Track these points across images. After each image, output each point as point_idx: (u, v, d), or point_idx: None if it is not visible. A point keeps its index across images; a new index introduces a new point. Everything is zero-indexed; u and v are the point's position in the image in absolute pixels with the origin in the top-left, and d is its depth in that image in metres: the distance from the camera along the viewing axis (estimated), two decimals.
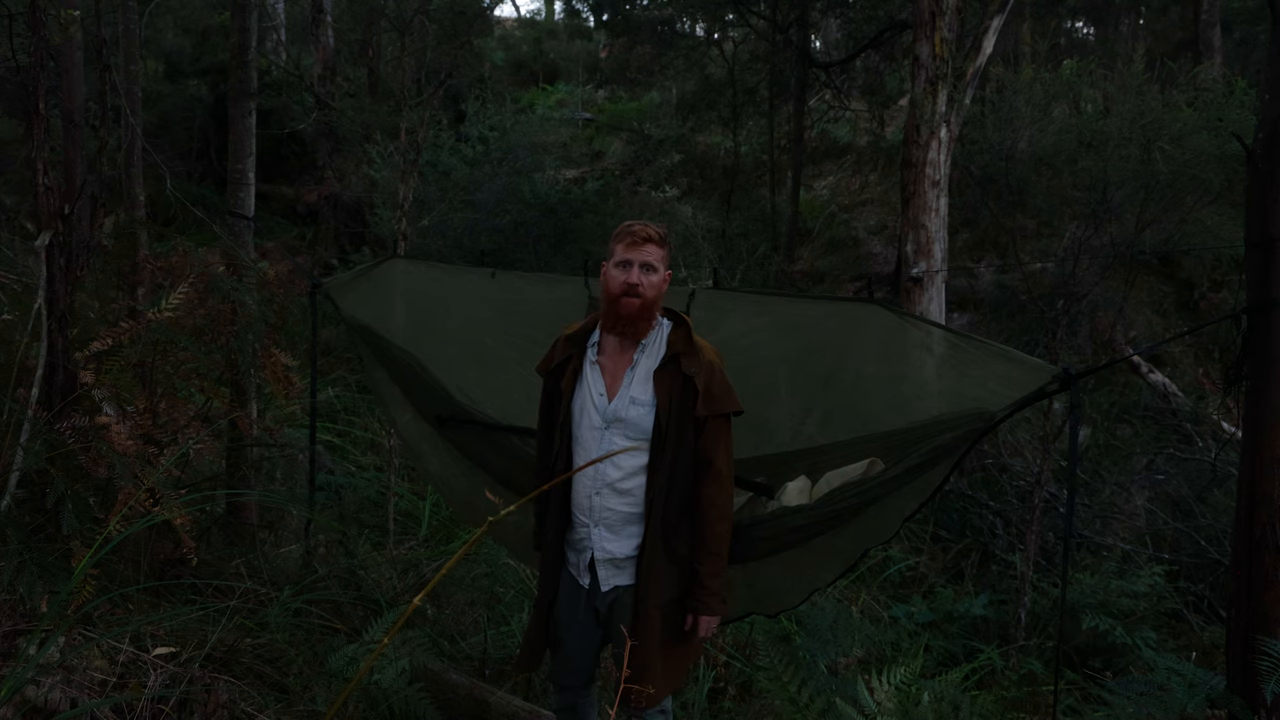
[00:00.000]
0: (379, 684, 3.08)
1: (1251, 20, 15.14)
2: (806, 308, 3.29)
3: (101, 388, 3.47)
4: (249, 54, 4.39)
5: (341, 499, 5.94)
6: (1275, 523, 3.32)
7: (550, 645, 2.88)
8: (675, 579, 2.71)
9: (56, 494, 2.95)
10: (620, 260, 2.68)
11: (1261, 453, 3.36)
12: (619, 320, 2.70)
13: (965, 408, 2.71)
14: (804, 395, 3.20)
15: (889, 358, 3.04)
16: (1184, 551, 6.57)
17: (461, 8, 7.02)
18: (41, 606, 2.75)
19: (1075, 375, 2.59)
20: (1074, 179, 7.92)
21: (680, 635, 2.74)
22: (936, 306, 7.87)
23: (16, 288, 4.00)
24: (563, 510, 2.81)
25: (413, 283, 4.13)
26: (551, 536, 2.82)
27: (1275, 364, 3.31)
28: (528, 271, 4.02)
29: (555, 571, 2.84)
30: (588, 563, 2.77)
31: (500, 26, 24.39)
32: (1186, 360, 10.34)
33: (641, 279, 2.64)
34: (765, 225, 13.62)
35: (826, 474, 2.93)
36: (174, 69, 14.44)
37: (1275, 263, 3.28)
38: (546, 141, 14.00)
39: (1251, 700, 3.28)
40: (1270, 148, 3.31)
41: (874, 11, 12.72)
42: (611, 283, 2.68)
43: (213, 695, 2.73)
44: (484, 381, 3.77)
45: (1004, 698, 4.84)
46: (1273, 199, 3.30)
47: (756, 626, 4.53)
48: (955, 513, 7.24)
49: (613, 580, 2.76)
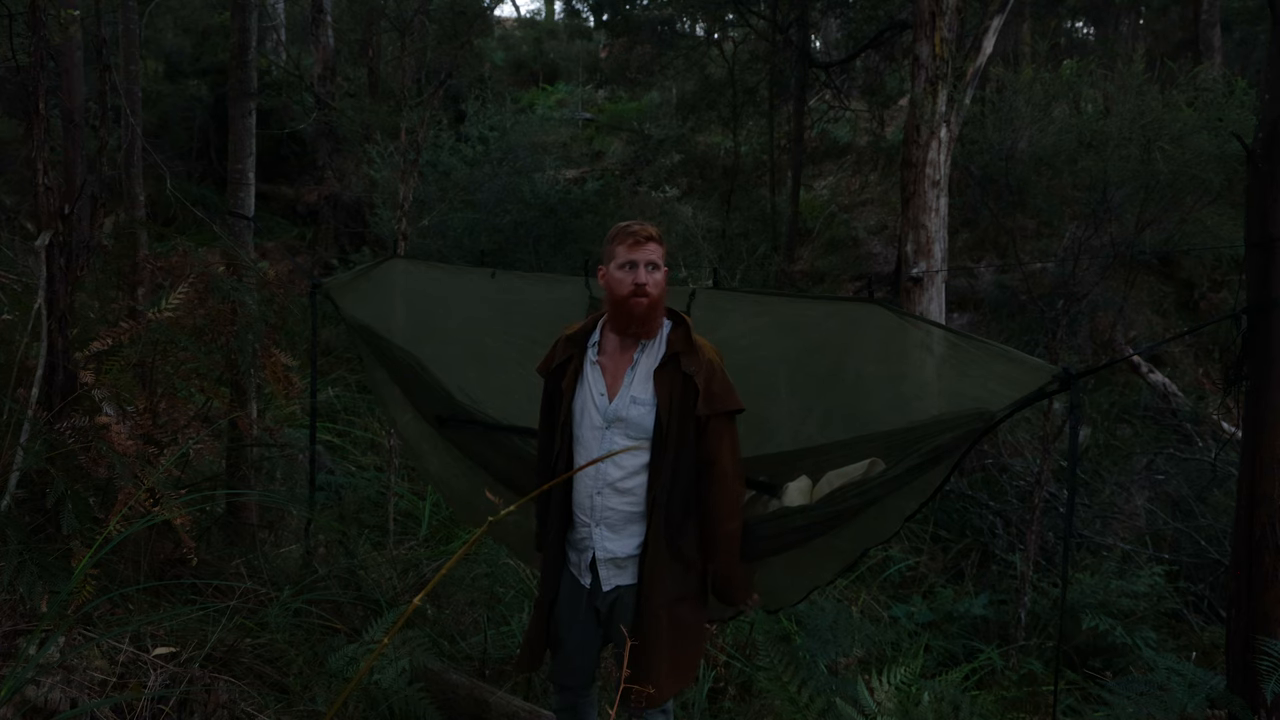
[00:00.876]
0: (379, 684, 3.08)
1: (1251, 20, 15.14)
2: (806, 308, 3.29)
3: (101, 388, 3.47)
4: (249, 54, 4.39)
5: (341, 499, 5.94)
6: (1275, 523, 3.32)
7: (550, 645, 2.88)
8: (680, 578, 2.72)
9: (56, 494, 2.95)
10: (624, 261, 2.68)
11: (1261, 453, 3.36)
12: (630, 321, 2.70)
13: (965, 408, 2.71)
14: (804, 395, 3.20)
15: (889, 358, 3.04)
16: (1184, 551, 6.57)
17: (461, 8, 7.02)
18: (41, 606, 2.75)
19: (1075, 375, 2.59)
20: (1074, 179, 7.92)
21: (686, 634, 2.75)
22: (936, 306, 7.87)
23: (16, 288, 4.00)
24: (564, 510, 2.81)
25: (413, 282, 4.13)
26: (552, 536, 2.82)
27: (1275, 364, 3.31)
28: (528, 272, 4.02)
29: (556, 571, 2.84)
30: (589, 562, 2.77)
31: (500, 26, 24.39)
32: (1186, 360, 10.34)
33: (648, 278, 2.65)
34: (765, 225, 13.61)
35: (827, 474, 2.93)
36: (174, 69, 14.44)
37: (1275, 263, 3.28)
38: (546, 141, 14.00)
39: (1251, 700, 3.28)
40: (1270, 147, 3.31)
41: (874, 11, 12.72)
42: (618, 285, 2.68)
43: (213, 695, 2.73)
44: (484, 381, 3.77)
45: (1004, 698, 4.84)
46: (1273, 199, 3.30)
47: (756, 626, 4.53)
48: (955, 513, 7.24)
49: (614, 580, 2.76)
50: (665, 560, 2.69)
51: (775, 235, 13.38)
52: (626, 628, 2.60)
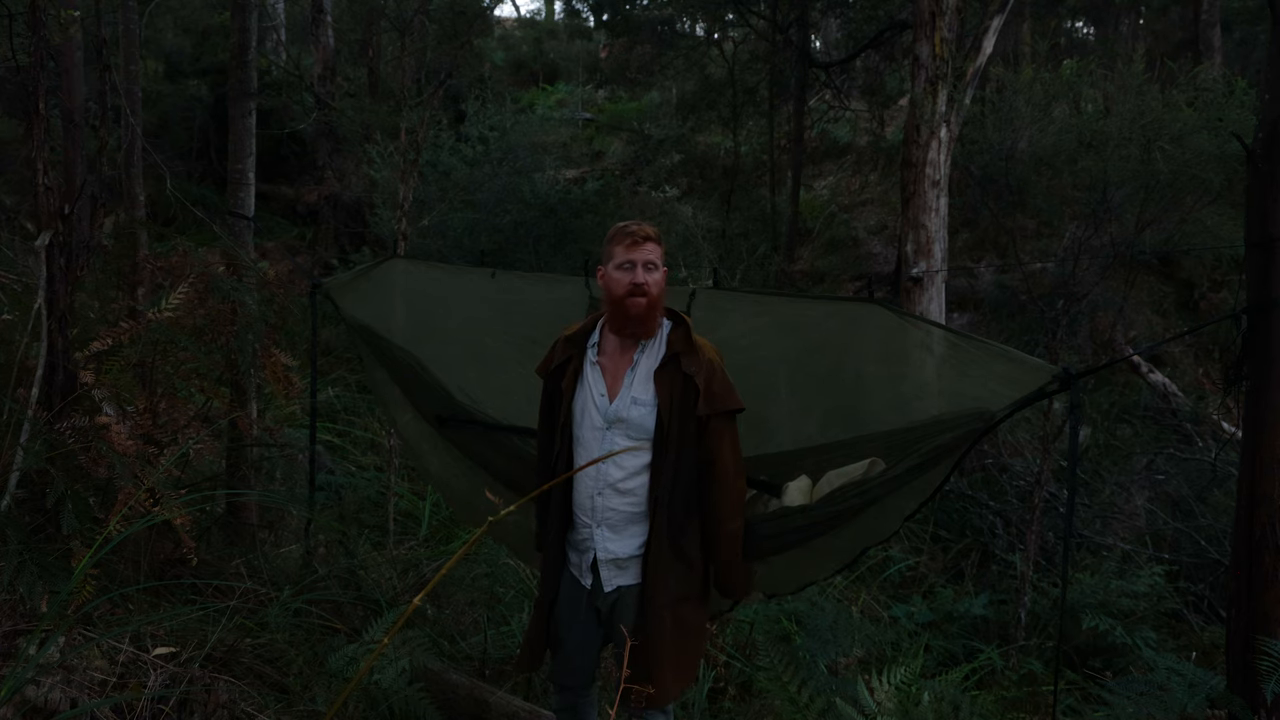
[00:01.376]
0: (379, 684, 3.08)
1: (1251, 20, 15.14)
2: (807, 308, 3.29)
3: (101, 388, 3.47)
4: (249, 54, 4.39)
5: (341, 499, 5.94)
6: (1275, 523, 3.32)
7: (551, 645, 2.88)
8: (682, 577, 2.71)
9: (56, 494, 2.95)
10: (622, 262, 2.68)
11: (1261, 453, 3.36)
12: (629, 321, 2.70)
13: (965, 408, 2.70)
14: (804, 395, 3.21)
15: (889, 357, 3.04)
16: (1184, 551, 6.57)
17: (461, 8, 7.02)
18: (41, 606, 2.75)
19: (1075, 375, 2.59)
20: (1074, 179, 7.92)
21: (689, 634, 2.75)
22: (936, 306, 7.87)
23: (16, 288, 4.00)
24: (564, 511, 2.80)
25: (413, 282, 4.13)
26: (552, 537, 2.82)
27: (1275, 364, 3.31)
28: (528, 272, 4.02)
29: (556, 572, 2.84)
30: (590, 563, 2.77)
31: (500, 26, 24.39)
32: (1186, 360, 10.34)
33: (646, 278, 2.66)
34: (765, 225, 13.61)
35: (828, 474, 2.93)
36: (174, 69, 14.44)
37: (1275, 263, 3.28)
38: (546, 141, 14.00)
39: (1251, 700, 3.28)
40: (1270, 147, 3.31)
41: (874, 11, 12.72)
42: (616, 285, 2.68)
43: (213, 695, 2.73)
44: (484, 381, 3.77)
45: (1004, 698, 4.84)
46: (1273, 199, 3.30)
47: (756, 626, 4.54)
48: (955, 513, 7.24)
49: (615, 580, 2.76)
50: (668, 560, 2.69)
51: (775, 235, 13.38)
52: (628, 628, 2.60)
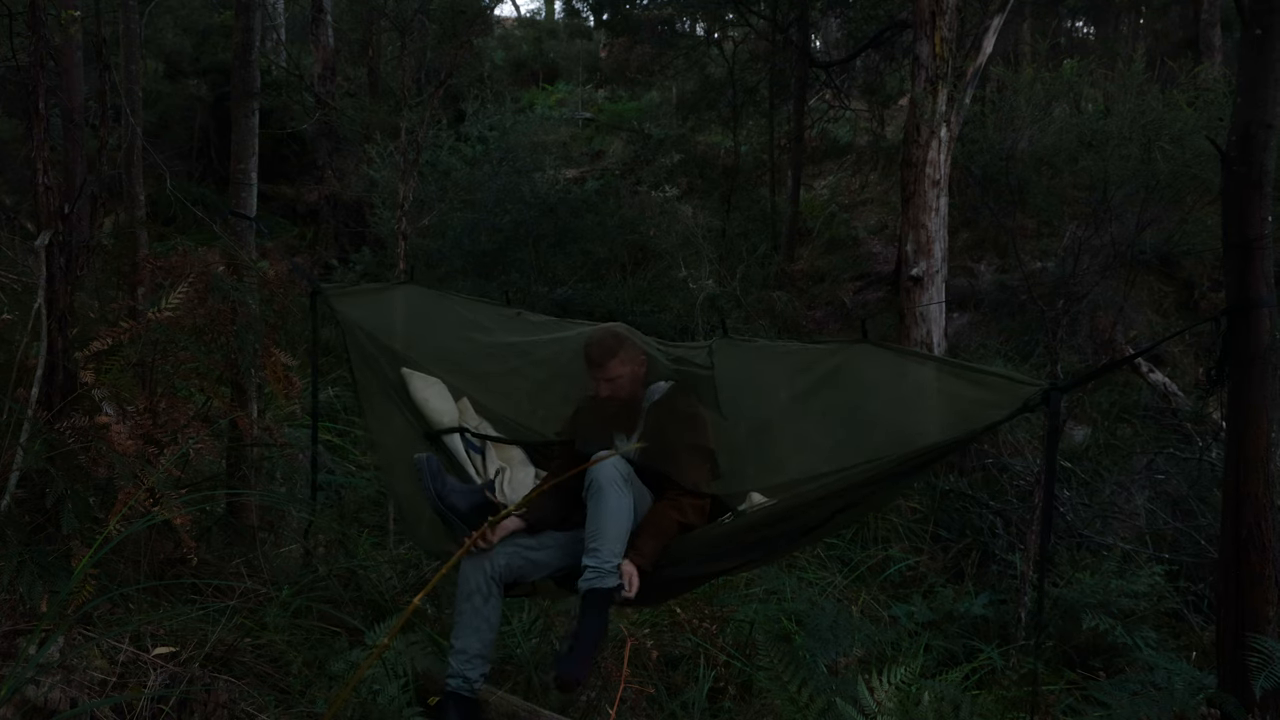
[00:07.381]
0: (377, 702, 3.09)
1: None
2: (805, 350, 3.48)
3: (101, 388, 3.47)
4: (252, 53, 4.38)
5: (341, 499, 5.94)
6: (1260, 521, 3.34)
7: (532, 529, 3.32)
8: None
9: (56, 494, 2.95)
10: (590, 377, 3.29)
11: (1244, 452, 3.38)
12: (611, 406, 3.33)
13: (958, 433, 2.85)
14: (813, 433, 3.34)
15: (882, 390, 3.20)
16: (1184, 551, 6.57)
17: (461, 8, 7.00)
18: (41, 606, 2.75)
19: (1064, 389, 2.70)
20: (1074, 179, 7.92)
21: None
22: (936, 306, 7.87)
23: (16, 288, 4.00)
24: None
25: (418, 307, 4.19)
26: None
27: (1255, 364, 3.33)
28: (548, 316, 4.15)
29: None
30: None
31: (500, 26, 24.37)
32: (1186, 360, 10.33)
33: (610, 391, 3.24)
34: (765, 225, 13.61)
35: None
36: (174, 69, 14.43)
37: (1253, 264, 3.30)
38: (546, 141, 14.00)
39: (1243, 697, 3.30)
40: (1244, 149, 3.32)
41: (874, 11, 12.71)
42: (593, 385, 3.31)
43: (213, 695, 2.73)
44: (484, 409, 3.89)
45: (1004, 697, 4.83)
46: (1248, 201, 3.32)
47: (756, 626, 4.54)
48: (955, 513, 7.24)
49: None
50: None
51: (775, 235, 13.38)
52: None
